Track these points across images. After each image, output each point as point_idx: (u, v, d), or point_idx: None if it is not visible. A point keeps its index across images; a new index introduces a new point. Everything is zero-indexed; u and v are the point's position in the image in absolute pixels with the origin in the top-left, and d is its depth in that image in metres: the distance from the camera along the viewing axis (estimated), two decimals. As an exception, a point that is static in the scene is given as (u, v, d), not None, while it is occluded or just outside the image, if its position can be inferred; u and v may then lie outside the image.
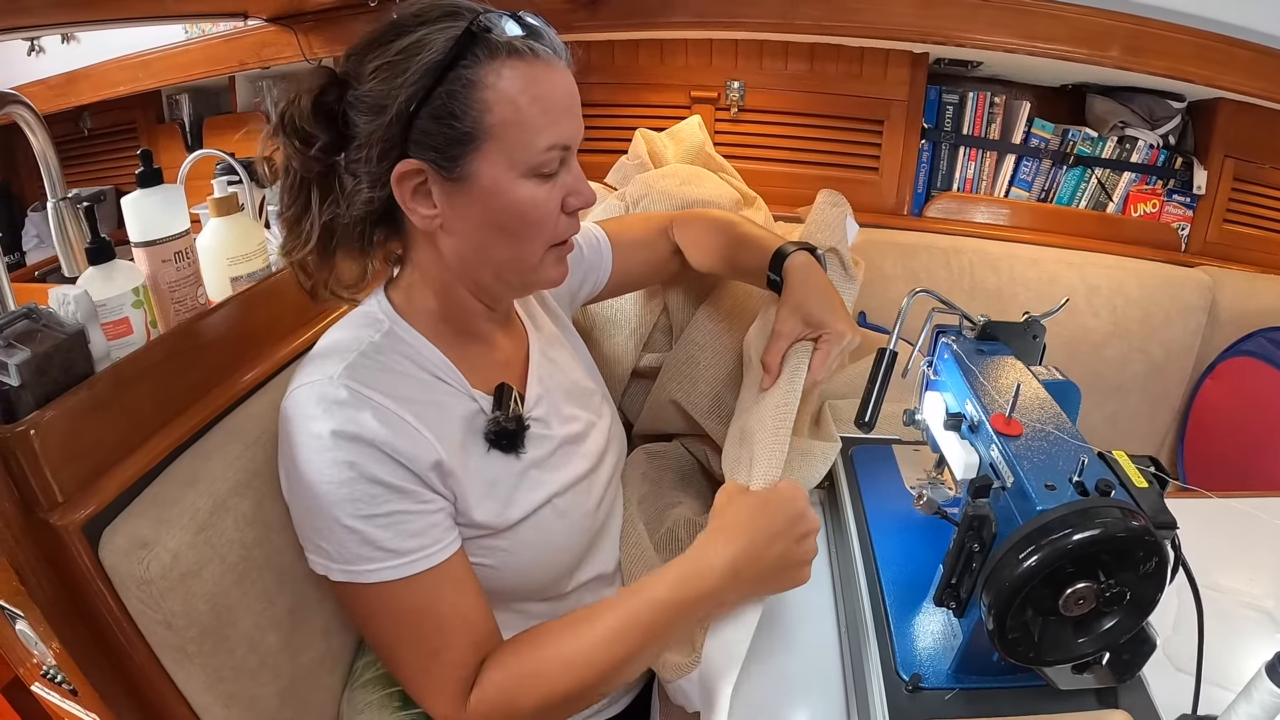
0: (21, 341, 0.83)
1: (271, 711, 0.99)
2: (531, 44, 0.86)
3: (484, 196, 0.88)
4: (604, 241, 1.31)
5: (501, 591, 1.00)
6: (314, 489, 0.85)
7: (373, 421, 0.85)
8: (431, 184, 0.88)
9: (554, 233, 0.94)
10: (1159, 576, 0.70)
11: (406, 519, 0.87)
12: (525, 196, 0.89)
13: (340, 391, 0.86)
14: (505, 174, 0.87)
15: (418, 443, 0.88)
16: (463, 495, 0.92)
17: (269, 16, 2.00)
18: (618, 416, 1.24)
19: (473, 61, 0.84)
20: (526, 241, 0.93)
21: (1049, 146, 2.03)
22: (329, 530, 0.86)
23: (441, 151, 0.86)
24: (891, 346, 1.02)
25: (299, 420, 0.86)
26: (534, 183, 0.89)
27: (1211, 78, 1.74)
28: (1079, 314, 1.91)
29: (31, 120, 1.14)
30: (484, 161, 0.86)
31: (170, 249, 1.09)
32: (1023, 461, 0.76)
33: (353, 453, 0.84)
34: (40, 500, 0.82)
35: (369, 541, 0.85)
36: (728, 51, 2.06)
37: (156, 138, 2.54)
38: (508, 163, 0.87)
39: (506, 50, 0.85)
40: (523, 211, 0.90)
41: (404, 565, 0.86)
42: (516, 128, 0.86)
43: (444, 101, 0.84)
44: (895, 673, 0.85)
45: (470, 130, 0.85)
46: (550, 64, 0.88)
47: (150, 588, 0.83)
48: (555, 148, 0.88)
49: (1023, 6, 1.72)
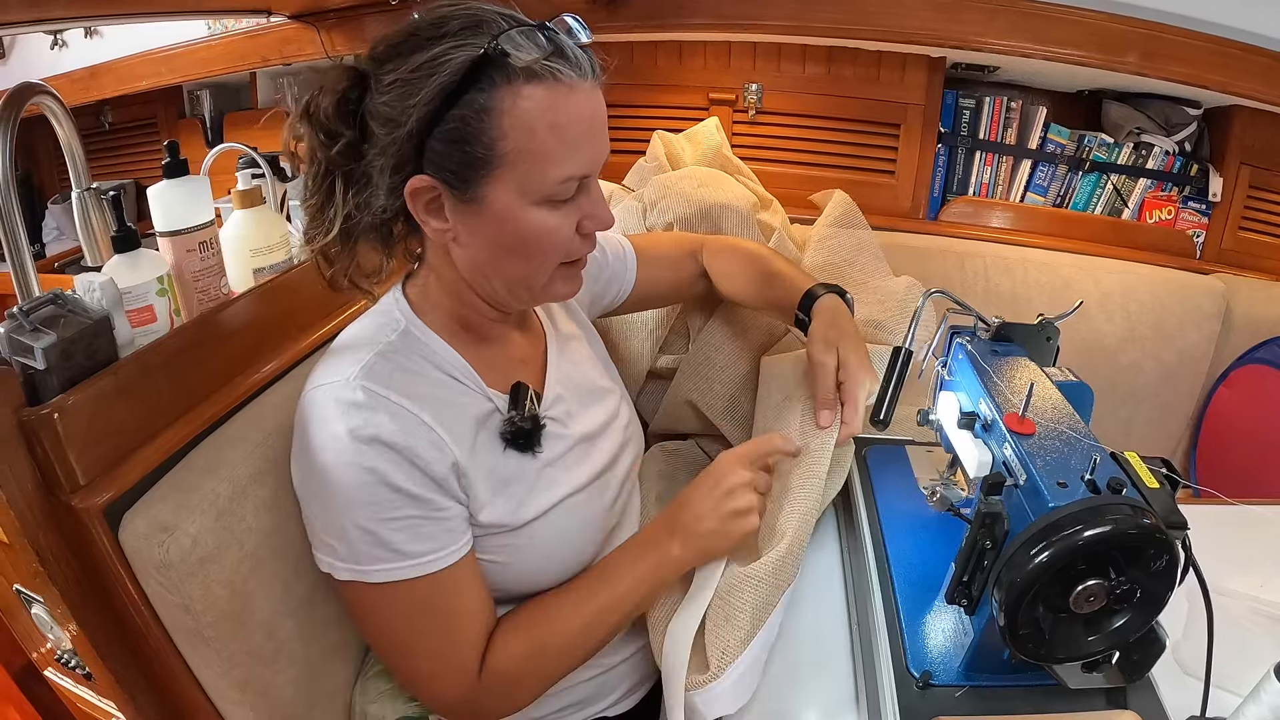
0: (47, 326, 0.84)
1: (285, 698, 1.00)
2: (554, 66, 0.83)
3: (495, 220, 0.87)
4: (630, 254, 1.31)
5: (514, 587, 1.00)
6: (330, 490, 0.86)
7: (390, 424, 0.85)
8: (445, 200, 0.88)
9: (566, 254, 0.93)
10: (1169, 574, 0.70)
11: (420, 523, 0.87)
12: (536, 223, 0.88)
13: (357, 394, 0.86)
14: (517, 201, 0.86)
15: (435, 444, 0.88)
16: (476, 495, 0.93)
17: (291, 13, 2.01)
18: (635, 415, 1.23)
19: (488, 85, 0.82)
20: (536, 263, 0.92)
21: (1065, 152, 2.03)
22: (341, 530, 0.86)
23: (455, 173, 0.85)
24: (906, 345, 1.02)
25: (316, 421, 0.87)
26: (547, 209, 0.88)
27: (1228, 84, 1.73)
28: (1093, 319, 1.90)
29: (58, 111, 1.15)
30: (497, 186, 0.85)
31: (195, 239, 1.10)
32: (1035, 460, 0.76)
33: (371, 457, 0.84)
34: (62, 483, 0.83)
35: (382, 543, 0.86)
36: (746, 54, 2.07)
37: (177, 133, 2.56)
38: (519, 190, 0.86)
39: (525, 75, 0.82)
40: (534, 238, 0.89)
41: (413, 567, 0.87)
42: (531, 156, 0.84)
43: (457, 125, 0.83)
44: (906, 669, 0.85)
45: (483, 156, 0.84)
46: (573, 87, 0.84)
47: (169, 572, 0.84)
48: (571, 179, 0.87)
49: (1040, 11, 1.72)
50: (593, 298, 1.28)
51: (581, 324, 1.23)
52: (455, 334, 0.99)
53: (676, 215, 1.56)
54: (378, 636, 0.94)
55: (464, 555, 0.91)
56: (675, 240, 1.41)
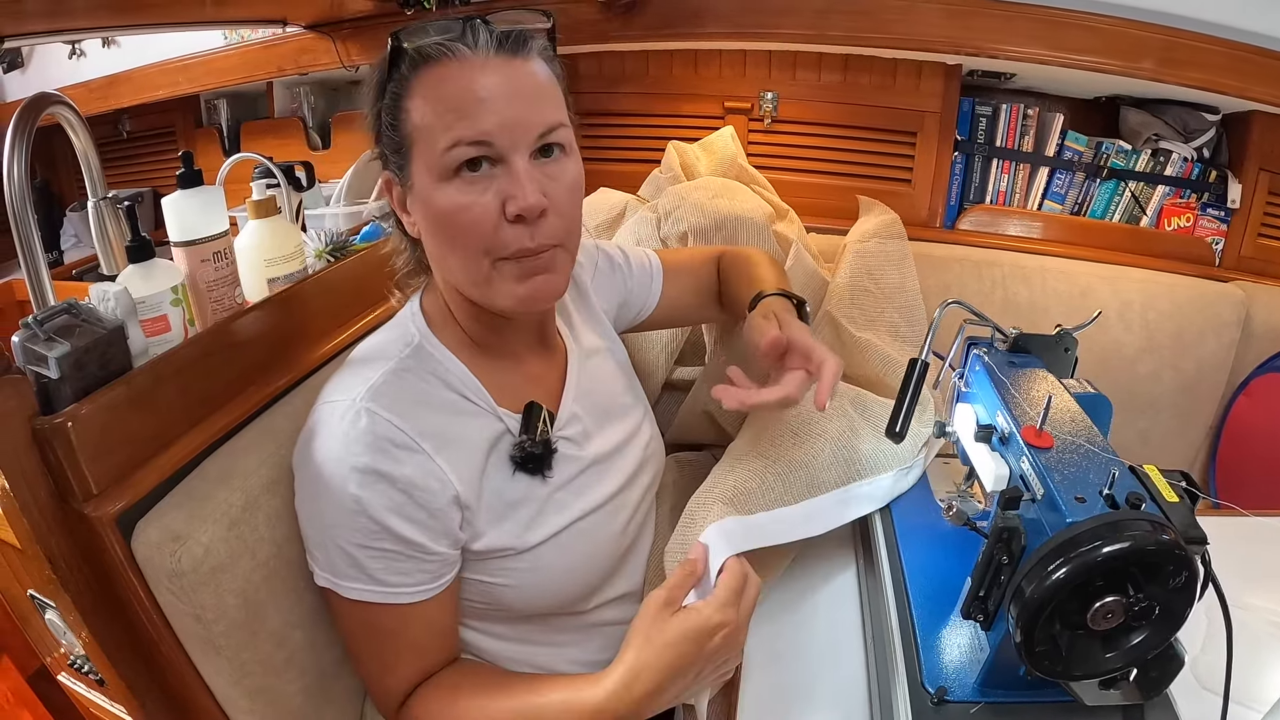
0: (61, 335, 0.84)
1: (295, 707, 1.00)
2: (449, 45, 0.85)
3: (421, 204, 0.90)
4: (656, 266, 1.29)
5: (521, 608, 1.00)
6: (320, 507, 0.87)
7: (392, 453, 0.86)
8: (403, 192, 0.92)
9: (493, 242, 0.87)
10: (1188, 591, 0.69)
11: (399, 559, 0.88)
12: (446, 201, 0.86)
13: (360, 417, 0.86)
14: (429, 180, 0.87)
15: (434, 475, 0.88)
16: (476, 526, 0.93)
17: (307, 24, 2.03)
18: (657, 432, 1.22)
19: (397, 75, 0.87)
20: (463, 251, 0.89)
21: (1082, 159, 2.02)
22: (323, 544, 0.88)
23: (394, 161, 0.91)
24: (923, 357, 1.01)
25: (319, 437, 0.88)
26: (455, 186, 0.86)
27: (1245, 89, 1.72)
28: (1111, 329, 1.89)
29: (74, 121, 1.16)
30: (416, 169, 0.88)
31: (209, 249, 1.11)
32: (1053, 474, 0.75)
33: (367, 489, 0.85)
34: (75, 491, 0.83)
35: (358, 566, 0.87)
36: (761, 62, 2.06)
37: (194, 142, 2.58)
38: (427, 167, 0.87)
39: (420, 56, 0.86)
40: (447, 217, 0.87)
41: (384, 594, 0.88)
42: (427, 131, 0.86)
43: (384, 115, 0.89)
44: (921, 685, 0.85)
45: (401, 140, 0.88)
46: (469, 62, 0.85)
47: (181, 580, 0.84)
48: (459, 144, 0.84)
49: (1056, 18, 1.71)
50: (618, 309, 1.26)
51: (607, 336, 1.20)
52: (469, 349, 0.98)
53: (691, 225, 1.56)
54: (342, 632, 0.97)
55: (436, 594, 0.91)
56: (697, 251, 1.41)
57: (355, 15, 1.97)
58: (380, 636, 0.92)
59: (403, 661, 0.93)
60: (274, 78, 2.34)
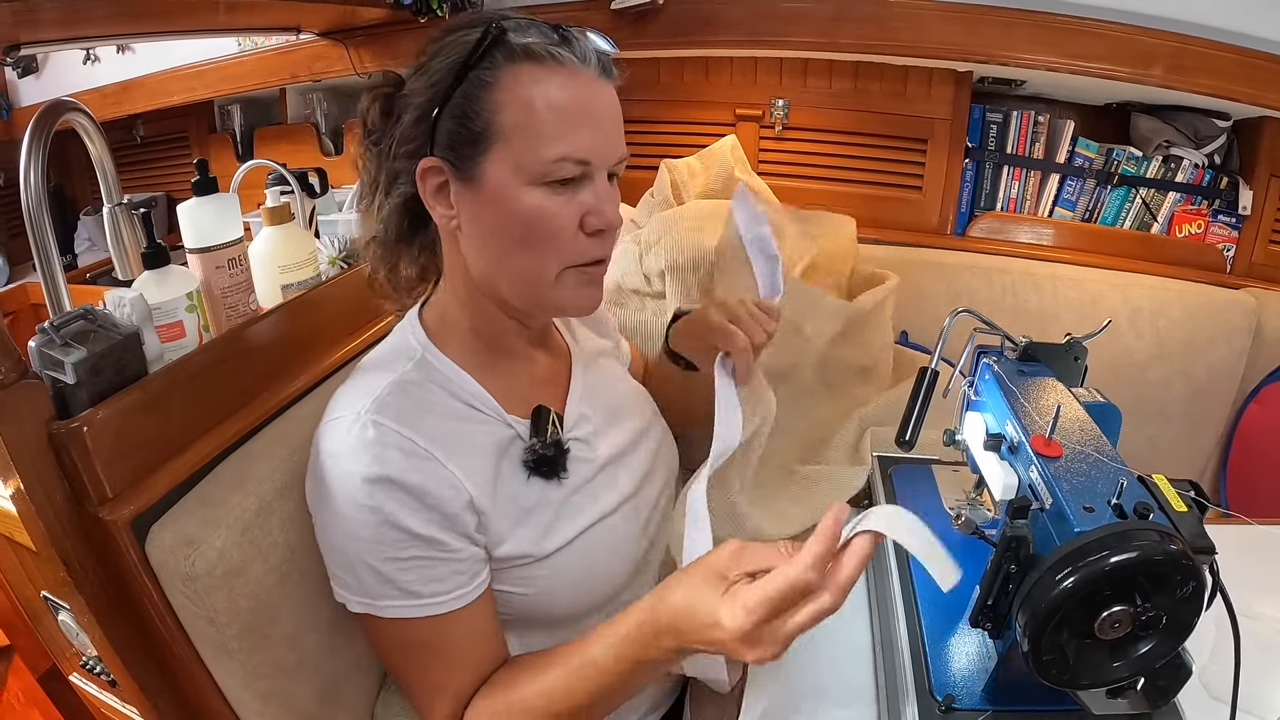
0: (78, 341, 0.85)
1: (307, 710, 1.00)
2: (555, 49, 0.85)
3: (491, 200, 0.88)
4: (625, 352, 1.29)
5: (541, 617, 0.99)
6: (340, 526, 0.86)
7: (401, 460, 0.85)
8: (450, 183, 0.89)
9: (570, 252, 0.90)
10: (1196, 601, 0.69)
11: (430, 565, 0.87)
12: (531, 206, 0.87)
13: (368, 430, 0.85)
14: (513, 179, 0.86)
15: (448, 481, 0.87)
16: (495, 531, 0.92)
17: (321, 31, 2.05)
18: (669, 433, 1.21)
19: (490, 64, 0.85)
20: (535, 254, 0.89)
21: (1093, 166, 2.01)
22: (351, 566, 0.87)
23: (456, 150, 0.87)
24: (933, 366, 1.01)
25: (328, 456, 0.87)
26: (543, 192, 0.87)
27: (1257, 96, 1.71)
28: (1122, 336, 1.88)
29: (89, 127, 1.17)
30: (494, 163, 0.86)
31: (224, 255, 1.12)
32: (1061, 483, 0.76)
33: (381, 497, 0.84)
34: (90, 495, 0.84)
35: (390, 581, 0.86)
36: (772, 69, 2.07)
37: (208, 147, 2.59)
38: (514, 167, 0.86)
39: (524, 53, 0.85)
40: (528, 221, 0.87)
41: (421, 607, 0.87)
42: (526, 132, 0.85)
43: (461, 101, 0.86)
44: (929, 693, 0.85)
45: (482, 130, 0.86)
46: (575, 72, 0.87)
47: (195, 584, 0.85)
48: (567, 160, 0.86)
49: (1066, 25, 1.71)
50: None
51: (610, 337, 1.21)
52: (473, 356, 0.98)
53: (669, 262, 1.54)
54: (387, 660, 0.94)
55: (476, 598, 0.90)
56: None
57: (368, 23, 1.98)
58: (426, 654, 0.90)
59: (454, 677, 0.91)
60: (287, 84, 2.35)
